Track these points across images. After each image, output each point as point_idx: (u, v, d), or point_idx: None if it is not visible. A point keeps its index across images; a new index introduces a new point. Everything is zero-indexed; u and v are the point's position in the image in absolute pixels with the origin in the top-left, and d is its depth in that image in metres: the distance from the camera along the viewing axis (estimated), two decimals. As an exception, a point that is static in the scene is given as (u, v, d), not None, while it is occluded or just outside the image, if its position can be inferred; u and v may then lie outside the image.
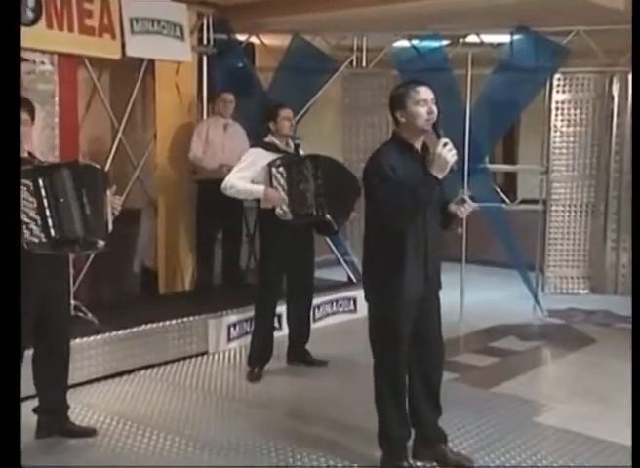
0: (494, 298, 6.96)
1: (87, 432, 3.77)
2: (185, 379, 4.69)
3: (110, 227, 3.56)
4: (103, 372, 4.59)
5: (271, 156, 4.54)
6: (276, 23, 6.47)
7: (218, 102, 5.87)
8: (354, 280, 6.49)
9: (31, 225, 3.27)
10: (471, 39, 6.50)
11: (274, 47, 6.74)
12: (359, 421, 3.80)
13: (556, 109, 6.53)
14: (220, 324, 5.26)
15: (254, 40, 6.74)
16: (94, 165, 3.66)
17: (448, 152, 3.01)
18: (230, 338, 5.30)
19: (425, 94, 3.13)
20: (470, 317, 6.08)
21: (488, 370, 4.98)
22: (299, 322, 4.90)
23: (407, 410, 3.37)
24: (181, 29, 5.75)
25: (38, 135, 4.66)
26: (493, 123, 6.44)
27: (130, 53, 5.36)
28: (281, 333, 5.12)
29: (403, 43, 6.67)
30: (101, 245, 3.51)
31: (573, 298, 6.69)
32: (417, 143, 3.20)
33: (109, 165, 5.35)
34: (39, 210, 3.29)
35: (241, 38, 6.57)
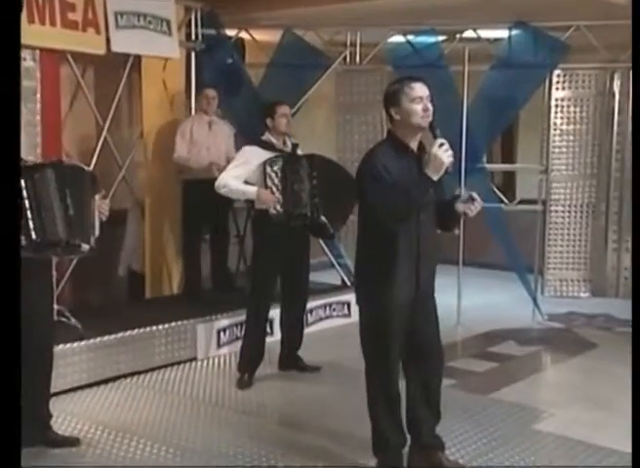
0: (492, 302, 6.98)
1: (70, 442, 3.75)
2: (173, 386, 4.68)
3: (97, 232, 3.55)
4: (88, 380, 4.58)
5: (267, 154, 4.54)
6: (267, 18, 6.47)
7: (200, 99, 5.83)
8: (348, 283, 6.50)
9: None
10: (468, 34, 6.52)
11: (265, 42, 6.74)
12: (353, 429, 3.79)
13: (556, 107, 6.55)
14: (210, 329, 5.25)
15: (244, 35, 6.74)
16: (81, 166, 3.65)
17: (444, 153, 3.01)
18: (220, 344, 5.29)
19: (421, 90, 3.13)
20: (468, 321, 6.09)
21: (486, 375, 4.99)
22: (291, 326, 4.89)
23: (402, 417, 3.37)
24: (169, 24, 5.73)
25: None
26: (490, 121, 6.46)
27: (115, 48, 5.34)
28: (273, 339, 5.11)
29: (398, 38, 6.68)
30: (85, 249, 3.50)
31: (573, 302, 6.71)
32: (412, 143, 3.20)
33: (94, 164, 5.33)
34: (20, 211, 3.27)
35: (230, 33, 6.56)
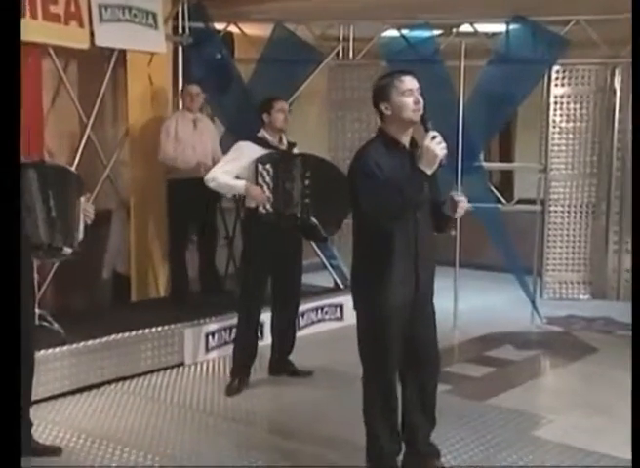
0: (489, 305, 6.99)
1: (52, 451, 3.73)
2: (160, 393, 4.66)
3: (81, 236, 3.54)
4: (70, 386, 4.55)
5: (261, 151, 4.54)
6: (257, 12, 6.47)
7: (184, 96, 5.79)
8: (341, 285, 6.50)
9: None
10: (465, 29, 6.52)
11: (255, 37, 6.73)
12: (346, 435, 3.79)
13: (555, 104, 6.55)
14: (198, 333, 5.24)
15: (233, 29, 6.74)
16: (66, 167, 3.65)
17: (437, 145, 3.01)
18: (209, 348, 5.28)
19: (410, 83, 3.14)
20: (464, 324, 6.09)
21: (483, 380, 4.99)
22: (283, 330, 4.89)
23: (398, 423, 3.36)
24: (155, 17, 5.72)
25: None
26: (488, 118, 6.46)
27: (99, 42, 5.33)
28: (263, 343, 5.10)
29: (392, 33, 6.68)
30: (68, 252, 3.49)
31: (573, 304, 6.71)
32: (404, 138, 3.20)
33: (77, 163, 5.32)
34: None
35: (219, 27, 6.56)
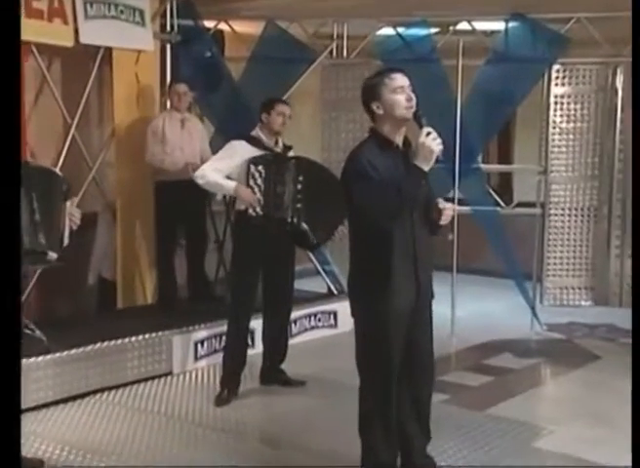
0: (487, 311, 6.99)
1: (34, 464, 3.70)
2: (147, 403, 4.65)
3: (66, 241, 3.54)
4: (54, 397, 4.54)
5: (254, 151, 4.55)
6: (248, 8, 6.47)
7: (171, 95, 5.78)
8: (335, 291, 6.49)
9: None
10: (462, 27, 6.53)
11: (246, 35, 6.73)
12: (340, 447, 3.78)
13: (555, 104, 6.56)
14: (187, 340, 5.23)
15: (223, 27, 6.73)
16: (51, 169, 3.64)
17: (432, 141, 3.02)
18: (198, 357, 5.27)
19: (401, 80, 3.15)
20: (462, 331, 6.10)
21: (481, 390, 4.99)
22: (274, 338, 4.88)
23: (395, 436, 3.34)
24: (142, 14, 5.72)
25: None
26: (486, 119, 6.47)
27: (84, 39, 5.32)
28: (254, 351, 5.09)
29: (387, 31, 6.69)
30: (52, 258, 3.49)
31: (574, 311, 6.72)
32: (397, 138, 3.20)
33: (61, 164, 5.31)
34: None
35: (209, 24, 6.55)
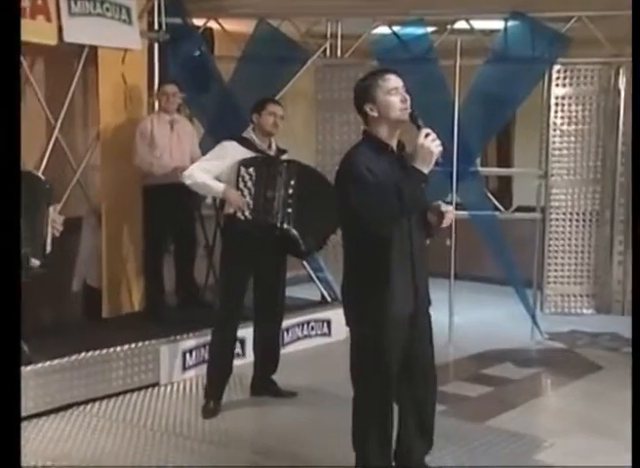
0: (486, 319, 7.00)
1: (15, 478, 3.69)
2: (133, 415, 4.64)
3: (49, 248, 3.54)
4: (36, 409, 4.52)
5: (246, 153, 4.55)
6: (238, 6, 6.47)
7: (160, 96, 5.77)
8: (328, 299, 6.49)
9: None
10: (460, 25, 6.54)
11: (236, 33, 6.73)
12: (332, 461, 3.77)
13: (556, 105, 6.58)
14: (175, 350, 5.23)
15: (213, 25, 6.73)
16: (34, 173, 3.64)
17: (431, 142, 3.02)
18: (186, 367, 5.27)
19: (395, 81, 3.17)
20: (460, 340, 6.11)
21: (480, 400, 5.00)
22: (265, 347, 4.88)
23: (392, 450, 3.34)
24: (129, 12, 5.71)
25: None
26: (484, 121, 6.49)
27: (68, 38, 5.30)
28: (245, 361, 5.10)
29: (383, 30, 6.70)
30: (35, 265, 3.49)
31: (575, 319, 6.72)
32: (392, 141, 3.21)
33: (44, 167, 5.30)
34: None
35: (198, 23, 6.55)
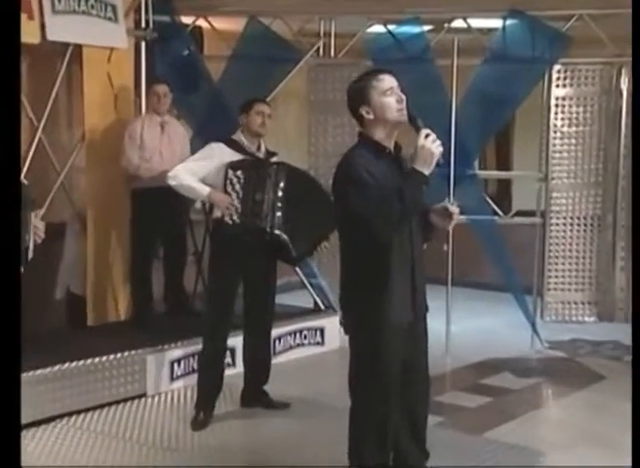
0: (485, 327, 7.00)
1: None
2: (119, 428, 4.62)
3: (30, 255, 3.54)
4: (18, 420, 4.49)
5: (233, 155, 4.55)
6: (228, 4, 6.47)
7: (150, 97, 5.77)
8: (322, 307, 6.49)
9: None
10: (457, 24, 6.56)
11: (226, 32, 6.74)
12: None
13: (556, 106, 6.59)
14: (162, 360, 5.22)
15: (202, 23, 6.74)
16: None
17: (432, 143, 3.03)
18: (174, 377, 5.26)
19: (390, 81, 3.17)
20: (457, 349, 6.10)
21: (478, 411, 4.99)
22: (256, 357, 4.86)
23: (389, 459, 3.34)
24: (114, 9, 5.72)
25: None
26: (483, 122, 6.49)
27: (51, 36, 5.30)
28: (235, 371, 5.09)
29: (378, 28, 6.72)
30: None
31: (577, 327, 6.72)
32: (389, 143, 3.21)
33: (27, 170, 5.29)
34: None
35: (187, 21, 6.56)
